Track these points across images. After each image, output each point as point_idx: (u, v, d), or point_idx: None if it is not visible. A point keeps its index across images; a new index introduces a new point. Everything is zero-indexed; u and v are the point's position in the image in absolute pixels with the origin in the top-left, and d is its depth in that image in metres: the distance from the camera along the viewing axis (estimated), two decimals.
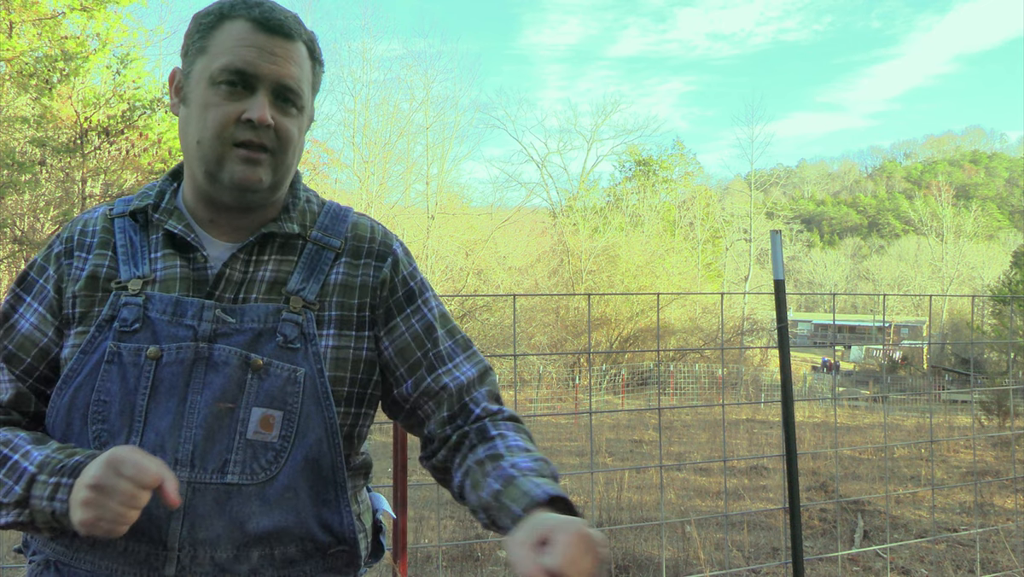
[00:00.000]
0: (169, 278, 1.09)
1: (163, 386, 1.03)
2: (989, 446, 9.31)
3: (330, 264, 1.15)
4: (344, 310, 1.14)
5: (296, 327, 1.09)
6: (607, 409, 11.22)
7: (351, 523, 1.11)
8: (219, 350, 1.05)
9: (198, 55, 1.08)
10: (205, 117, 1.06)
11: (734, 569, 4.37)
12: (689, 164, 50.57)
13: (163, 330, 1.05)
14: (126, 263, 1.11)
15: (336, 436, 1.09)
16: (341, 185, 27.27)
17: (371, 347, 1.16)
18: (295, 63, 1.09)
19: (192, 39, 1.10)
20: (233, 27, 1.07)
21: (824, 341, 53.46)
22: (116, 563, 1.01)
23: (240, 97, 1.06)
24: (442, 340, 1.20)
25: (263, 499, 1.03)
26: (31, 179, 12.51)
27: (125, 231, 1.14)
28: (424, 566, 4.59)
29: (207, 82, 1.06)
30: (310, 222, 1.18)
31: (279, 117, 1.08)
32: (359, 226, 1.21)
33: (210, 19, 1.08)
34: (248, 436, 1.03)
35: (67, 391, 1.04)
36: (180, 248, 1.12)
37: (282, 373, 1.06)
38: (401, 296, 1.19)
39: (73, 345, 1.07)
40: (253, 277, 1.11)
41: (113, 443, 1.01)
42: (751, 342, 30.32)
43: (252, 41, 1.06)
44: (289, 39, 1.08)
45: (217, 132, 1.05)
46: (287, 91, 1.08)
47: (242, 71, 1.05)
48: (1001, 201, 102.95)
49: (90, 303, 1.09)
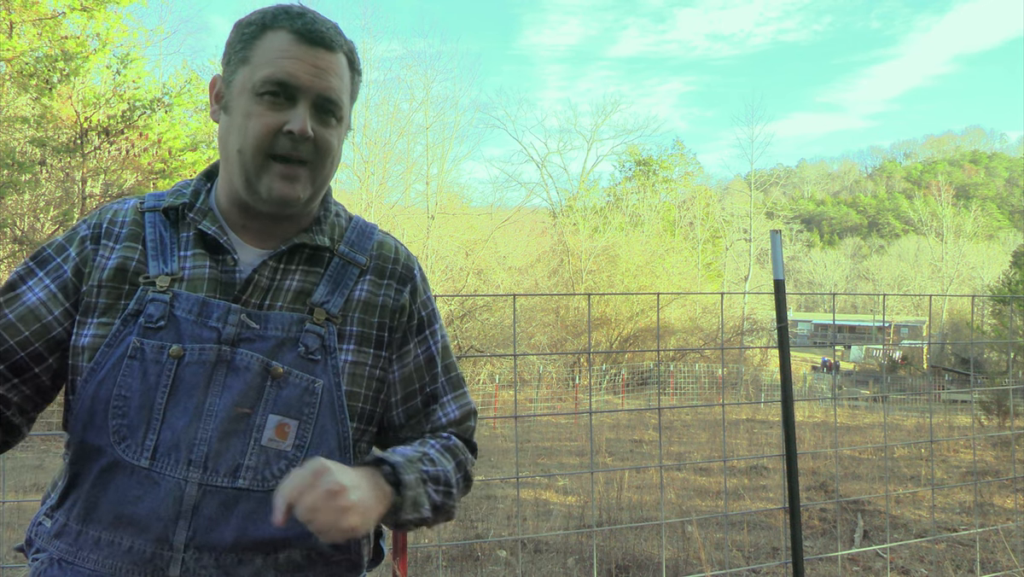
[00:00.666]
0: (197, 278, 1.10)
1: (183, 386, 1.04)
2: (989, 446, 9.31)
3: (355, 280, 1.17)
4: (365, 327, 1.15)
5: (318, 339, 1.10)
6: (607, 409, 11.22)
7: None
8: (241, 355, 1.06)
9: (240, 64, 1.09)
10: (247, 127, 1.06)
11: (734, 569, 4.37)
12: (689, 164, 50.61)
13: (187, 330, 1.06)
14: (155, 258, 1.11)
15: (348, 451, 1.10)
16: (341, 185, 27.22)
17: (384, 367, 1.18)
18: (336, 75, 1.09)
19: (234, 48, 1.10)
20: (276, 38, 1.07)
21: (824, 341, 53.47)
22: (120, 562, 1.01)
23: (281, 108, 1.06)
24: (440, 375, 1.23)
25: (272, 507, 1.03)
26: (31, 179, 12.52)
27: (156, 226, 1.14)
28: (424, 566, 4.59)
29: (249, 92, 1.07)
30: (338, 236, 1.19)
31: (319, 129, 1.09)
32: (384, 245, 1.23)
33: (253, 29, 1.09)
34: (263, 443, 1.04)
35: (91, 384, 1.04)
36: (211, 249, 1.12)
37: (301, 383, 1.07)
38: (415, 324, 1.22)
39: (96, 336, 1.07)
40: (280, 285, 1.12)
41: (131, 439, 1.02)
42: (751, 342, 30.32)
43: (295, 53, 1.06)
44: (331, 51, 1.09)
45: (258, 142, 1.06)
46: (328, 103, 1.09)
47: (284, 83, 1.06)
48: (1001, 201, 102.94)
49: (116, 295, 1.09)
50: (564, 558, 4.77)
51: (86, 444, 1.04)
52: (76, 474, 1.06)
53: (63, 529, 1.05)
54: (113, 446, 1.02)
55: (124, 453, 1.02)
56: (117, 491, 1.02)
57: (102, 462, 1.03)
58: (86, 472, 1.04)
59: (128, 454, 1.02)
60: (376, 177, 28.19)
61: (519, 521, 5.85)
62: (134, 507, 1.01)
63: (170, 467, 1.01)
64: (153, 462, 1.01)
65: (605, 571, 4.48)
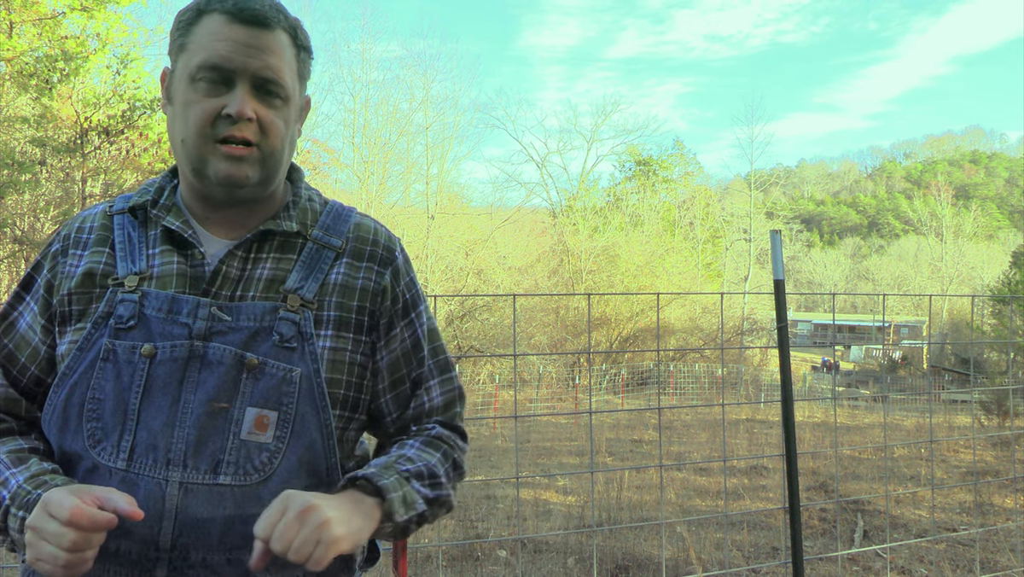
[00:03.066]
0: (166, 275, 1.08)
1: (157, 384, 1.02)
2: (989, 446, 9.31)
3: (330, 263, 1.14)
4: (343, 311, 1.12)
5: (293, 326, 1.07)
6: (607, 409, 11.22)
7: None
8: (214, 349, 1.04)
9: (179, 52, 1.07)
10: (187, 115, 1.05)
11: (734, 569, 4.37)
12: (689, 164, 50.60)
13: (158, 328, 1.04)
14: (124, 259, 1.10)
15: (331, 439, 1.08)
16: (341, 185, 27.27)
17: (367, 352, 1.15)
18: (274, 53, 1.06)
19: (174, 37, 1.09)
20: (209, 21, 1.05)
21: (824, 341, 53.45)
22: (108, 563, 1.00)
23: (219, 92, 1.04)
24: (427, 358, 1.21)
25: (256, 501, 1.01)
26: (31, 179, 12.50)
27: (124, 227, 1.13)
28: (424, 566, 4.59)
29: (187, 80, 1.05)
30: (311, 221, 1.17)
31: (261, 109, 1.06)
32: (362, 227, 1.20)
33: (188, 15, 1.07)
34: (242, 436, 1.02)
35: (63, 388, 1.04)
36: (178, 245, 1.11)
37: (278, 373, 1.05)
38: (400, 307, 1.19)
39: (71, 342, 1.06)
40: (251, 275, 1.10)
41: (107, 441, 1.01)
42: (751, 342, 30.31)
43: (227, 34, 1.04)
44: (267, 28, 1.06)
45: (199, 129, 1.04)
46: (267, 83, 1.06)
47: (218, 66, 1.03)
48: (1001, 201, 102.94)
49: (87, 300, 1.08)
50: (564, 558, 4.77)
51: (64, 450, 1.03)
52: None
53: None
54: (88, 450, 1.01)
55: (100, 456, 1.00)
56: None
57: (84, 466, 1.02)
58: (71, 476, 1.04)
59: (104, 457, 1.00)
60: (376, 177, 28.19)
61: (519, 521, 5.84)
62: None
63: (148, 468, 1.00)
64: (130, 464, 1.00)
65: (605, 571, 4.48)
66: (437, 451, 1.15)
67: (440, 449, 1.16)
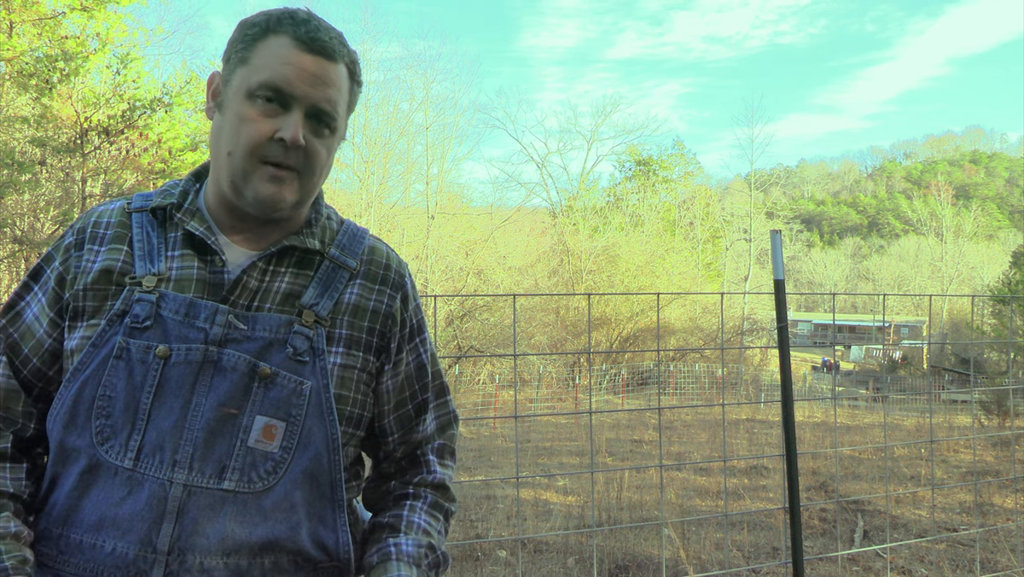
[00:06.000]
0: (185, 278, 1.09)
1: (169, 386, 1.02)
2: (989, 446, 9.31)
3: (345, 283, 1.16)
4: (354, 330, 1.15)
5: (306, 340, 1.09)
6: (607, 409, 11.22)
7: (346, 543, 1.11)
8: (228, 355, 1.05)
9: (239, 64, 1.07)
10: (239, 130, 1.05)
11: (734, 569, 4.37)
12: (689, 164, 50.58)
13: (174, 330, 1.05)
14: (142, 259, 1.10)
15: (337, 453, 1.09)
16: (341, 185, 27.24)
17: (372, 372, 1.17)
18: (334, 85, 1.08)
19: (235, 47, 1.09)
20: (277, 42, 1.06)
21: (824, 341, 53.46)
22: (103, 565, 0.99)
23: (275, 114, 1.05)
24: (429, 384, 1.26)
25: (258, 509, 1.02)
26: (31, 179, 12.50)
27: (143, 227, 1.13)
28: None
29: (244, 94, 1.05)
30: (329, 239, 1.19)
31: (311, 138, 1.07)
32: (376, 250, 1.23)
33: (256, 30, 1.07)
34: (249, 444, 1.03)
35: (75, 384, 1.04)
36: (198, 250, 1.11)
37: (288, 384, 1.06)
38: (407, 332, 1.22)
39: (83, 337, 1.06)
40: (269, 287, 1.11)
41: (115, 440, 1.01)
42: (751, 342, 30.32)
43: (294, 60, 1.05)
44: (331, 60, 1.07)
45: (249, 147, 1.05)
46: (322, 113, 1.07)
47: (280, 89, 1.04)
48: (1001, 201, 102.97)
49: (102, 297, 1.08)
50: (564, 558, 4.77)
51: (65, 445, 1.03)
52: (55, 476, 1.05)
53: (43, 533, 1.03)
54: (95, 447, 1.01)
55: (107, 454, 1.01)
56: (99, 493, 1.00)
57: (82, 464, 1.02)
58: (65, 474, 1.03)
59: (111, 455, 1.01)
60: (376, 177, 28.16)
61: (519, 521, 5.84)
62: (117, 509, 0.99)
63: (154, 468, 1.00)
64: (137, 463, 1.00)
65: (605, 571, 4.48)
66: (441, 513, 1.24)
67: (443, 510, 1.24)
